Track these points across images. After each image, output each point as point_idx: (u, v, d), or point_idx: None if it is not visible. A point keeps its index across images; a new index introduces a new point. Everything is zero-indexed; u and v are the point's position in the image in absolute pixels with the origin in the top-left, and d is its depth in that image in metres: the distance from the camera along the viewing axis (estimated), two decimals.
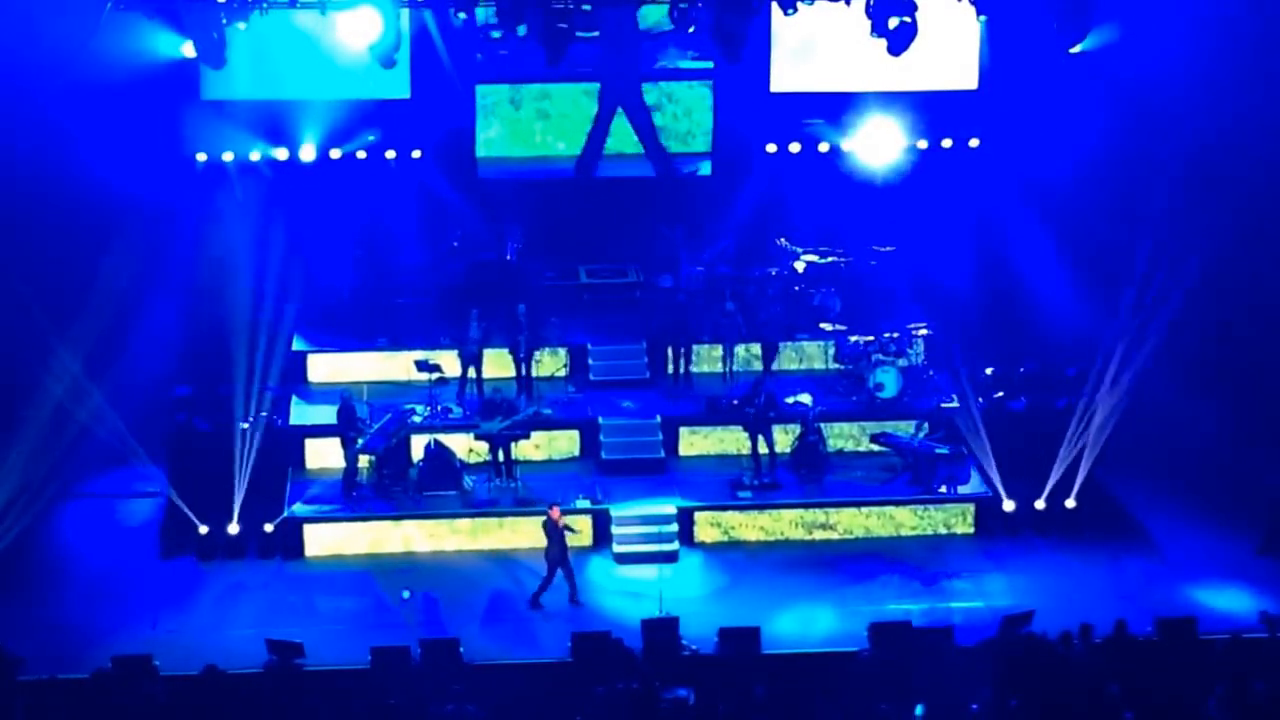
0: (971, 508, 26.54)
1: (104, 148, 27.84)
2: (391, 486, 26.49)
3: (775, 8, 24.81)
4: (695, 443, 27.96)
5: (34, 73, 26.74)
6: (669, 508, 26.14)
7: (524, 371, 28.46)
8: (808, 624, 23.86)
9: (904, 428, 27.63)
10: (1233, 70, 28.37)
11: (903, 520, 26.50)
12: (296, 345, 29.55)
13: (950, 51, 29.79)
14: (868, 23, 24.55)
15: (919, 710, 20.02)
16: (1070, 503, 26.53)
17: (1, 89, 26.95)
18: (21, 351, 27.00)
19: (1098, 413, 26.95)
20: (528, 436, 26.85)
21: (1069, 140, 29.57)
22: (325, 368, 29.34)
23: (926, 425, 27.28)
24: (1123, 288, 28.74)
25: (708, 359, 29.49)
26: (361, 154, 30.68)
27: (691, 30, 25.69)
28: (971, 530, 26.51)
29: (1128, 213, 29.31)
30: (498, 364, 28.65)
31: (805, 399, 27.76)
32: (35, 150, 27.04)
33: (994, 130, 30.95)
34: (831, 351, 29.45)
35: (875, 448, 27.55)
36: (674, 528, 25.85)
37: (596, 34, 29.17)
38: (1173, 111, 28.69)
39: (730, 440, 27.69)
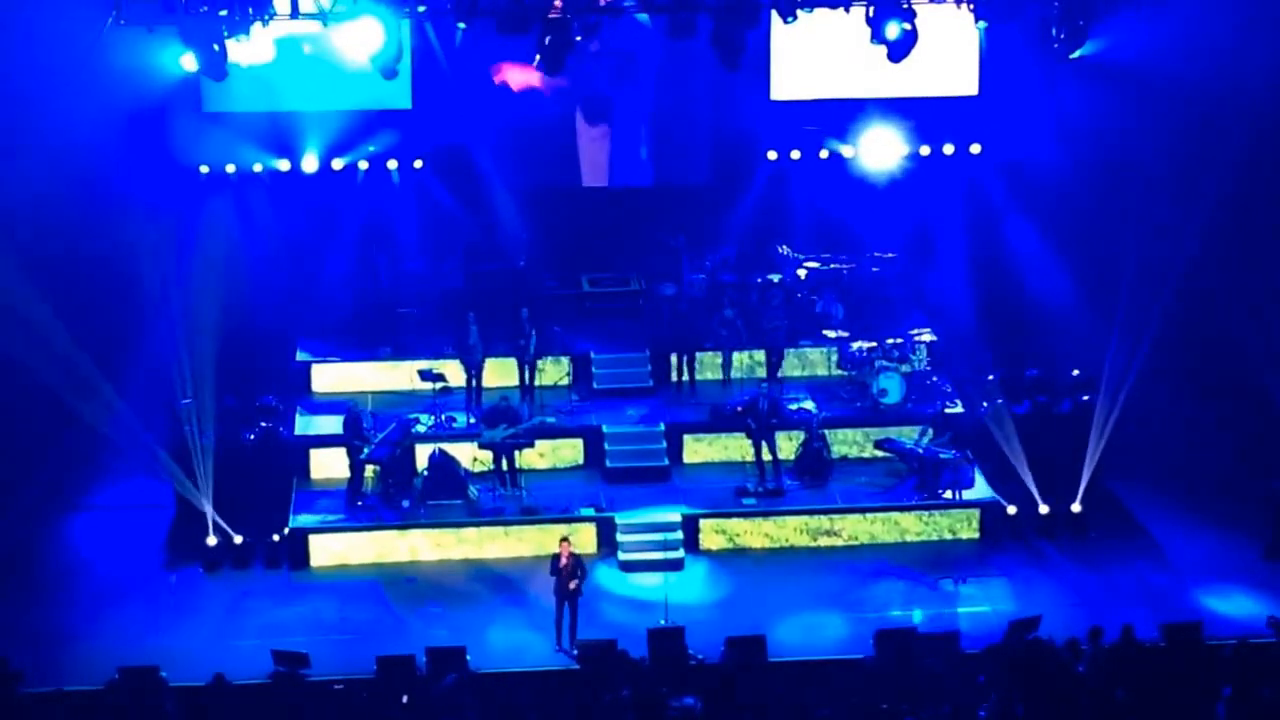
0: (976, 513, 26.53)
1: (107, 160, 27.91)
2: (397, 496, 26.51)
3: (775, 15, 24.85)
4: (699, 450, 27.97)
5: (37, 85, 26.77)
6: (674, 515, 26.16)
7: (528, 378, 28.49)
8: (813, 631, 23.85)
9: (908, 433, 27.63)
10: (1232, 75, 28.37)
11: (908, 526, 26.51)
12: (300, 356, 29.61)
13: (950, 58, 29.81)
14: (867, 30, 24.57)
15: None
16: (1076, 507, 26.56)
17: (4, 102, 26.98)
18: (25, 363, 27.02)
19: (1102, 417, 26.97)
20: (532, 445, 26.84)
21: (1069, 145, 29.60)
22: (329, 378, 29.37)
23: (930, 431, 27.29)
24: (1124, 292, 28.79)
25: (711, 366, 29.52)
26: (364, 164, 30.72)
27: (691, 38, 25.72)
28: (977, 535, 26.51)
29: (1128, 217, 29.33)
30: (502, 372, 28.68)
31: (809, 405, 27.78)
32: (37, 162, 27.05)
33: (995, 136, 30.97)
34: (835, 358, 29.47)
35: (879, 454, 27.54)
36: (679, 535, 25.89)
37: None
38: (1172, 116, 28.71)
39: (734, 447, 27.70)
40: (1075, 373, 28.24)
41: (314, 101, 29.71)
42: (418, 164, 31.01)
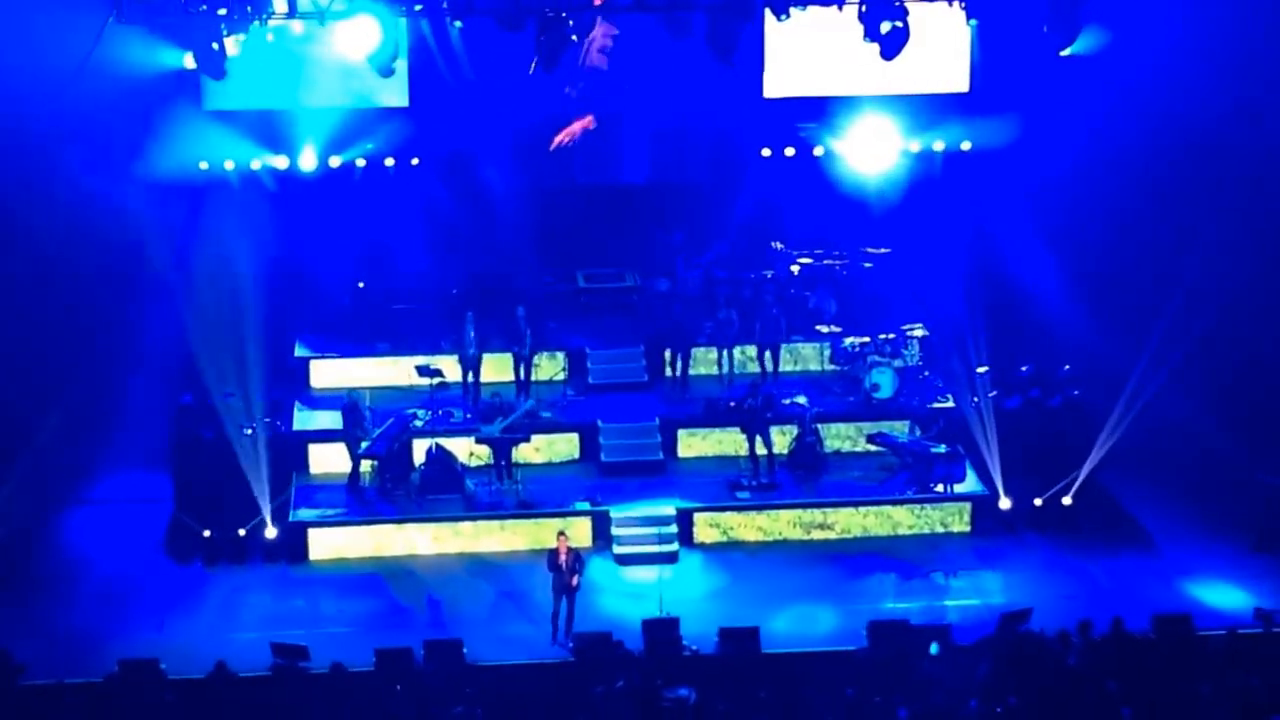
0: (968, 506, 26.71)
1: (107, 157, 28.01)
2: (394, 490, 26.69)
3: (768, 14, 25.01)
4: (694, 444, 28.15)
5: (37, 85, 26.88)
6: (668, 509, 26.34)
7: (524, 374, 28.67)
8: (807, 623, 24.03)
9: (900, 428, 27.85)
10: (1224, 71, 28.51)
11: (900, 519, 26.69)
12: (298, 352, 29.79)
13: (942, 54, 29.96)
14: (860, 27, 24.74)
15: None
16: (1067, 500, 26.74)
17: (4, 101, 27.11)
18: (27, 360, 27.17)
19: (1093, 411, 27.13)
20: (528, 440, 27.03)
21: (1060, 142, 29.74)
22: (327, 374, 29.54)
23: (921, 425, 27.45)
24: (1115, 288, 28.94)
25: (705, 361, 29.71)
26: (361, 162, 30.88)
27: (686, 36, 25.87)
28: (968, 529, 26.68)
29: (1119, 213, 29.51)
30: (498, 368, 28.86)
31: (802, 400, 27.97)
32: (39, 161, 27.18)
33: (986, 132, 31.12)
34: (827, 353, 29.67)
35: (872, 448, 27.71)
36: (674, 529, 26.03)
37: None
38: (1163, 113, 28.82)
39: (728, 441, 27.88)
40: (1066, 367, 28.39)
41: (312, 99, 29.81)
42: (415, 161, 31.14)
